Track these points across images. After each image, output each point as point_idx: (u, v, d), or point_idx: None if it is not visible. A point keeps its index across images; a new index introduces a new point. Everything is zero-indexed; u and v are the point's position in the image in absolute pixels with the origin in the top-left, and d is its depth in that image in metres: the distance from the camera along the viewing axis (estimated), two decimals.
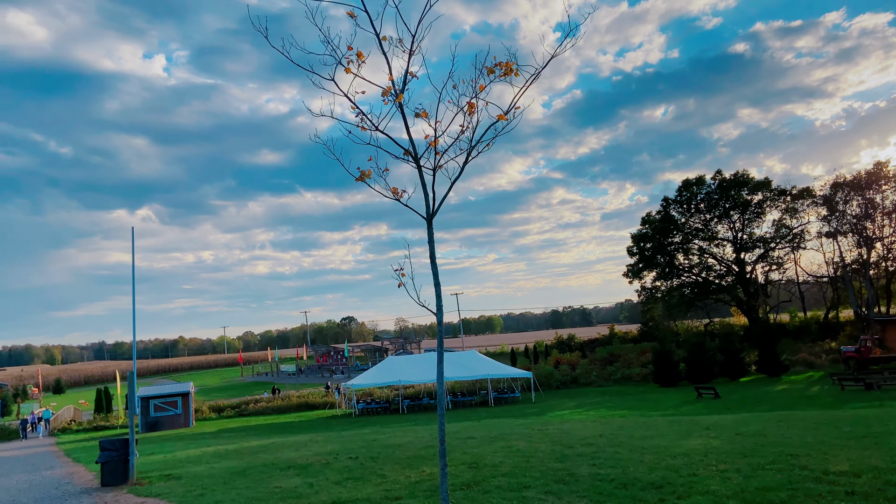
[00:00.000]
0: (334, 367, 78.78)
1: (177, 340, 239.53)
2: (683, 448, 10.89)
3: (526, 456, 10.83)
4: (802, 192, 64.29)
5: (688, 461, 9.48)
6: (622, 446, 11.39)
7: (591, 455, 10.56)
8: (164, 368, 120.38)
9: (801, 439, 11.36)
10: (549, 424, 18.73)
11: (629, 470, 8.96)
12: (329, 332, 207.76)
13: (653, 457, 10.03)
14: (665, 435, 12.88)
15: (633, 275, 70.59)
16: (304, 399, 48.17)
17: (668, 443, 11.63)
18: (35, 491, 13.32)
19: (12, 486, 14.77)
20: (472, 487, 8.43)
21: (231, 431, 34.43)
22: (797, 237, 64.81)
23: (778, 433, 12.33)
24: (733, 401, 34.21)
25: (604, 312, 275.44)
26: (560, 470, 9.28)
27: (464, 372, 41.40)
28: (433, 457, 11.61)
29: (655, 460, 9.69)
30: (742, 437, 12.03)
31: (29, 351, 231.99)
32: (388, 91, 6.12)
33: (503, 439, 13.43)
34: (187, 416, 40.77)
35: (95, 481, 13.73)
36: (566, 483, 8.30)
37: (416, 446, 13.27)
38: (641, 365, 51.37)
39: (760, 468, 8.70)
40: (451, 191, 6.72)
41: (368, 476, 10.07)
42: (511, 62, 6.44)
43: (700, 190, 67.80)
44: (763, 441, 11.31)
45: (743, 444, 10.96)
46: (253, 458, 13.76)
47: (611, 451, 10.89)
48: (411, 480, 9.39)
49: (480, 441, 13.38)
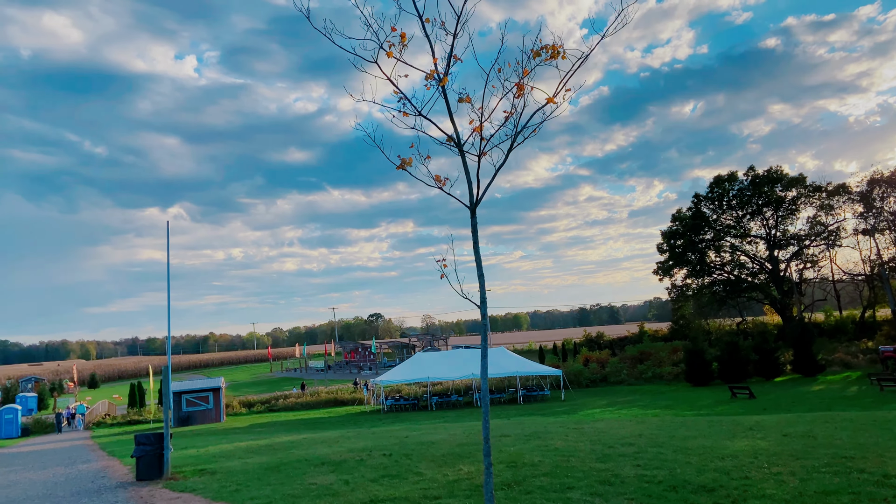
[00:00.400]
0: (362, 364, 79.02)
1: (207, 336, 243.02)
2: (730, 449, 10.49)
3: (565, 455, 10.53)
4: (838, 189, 62.89)
5: (737, 463, 9.11)
6: (665, 446, 11.02)
7: (634, 455, 10.22)
8: (195, 364, 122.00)
9: (853, 441, 10.90)
10: (583, 423, 18.39)
11: (676, 471, 8.62)
12: (356, 329, 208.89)
13: (699, 458, 9.67)
14: (708, 435, 12.47)
15: (664, 272, 69.65)
16: (333, 395, 48.34)
17: (713, 443, 11.23)
18: (71, 484, 13.40)
19: (49, 479, 14.89)
20: (512, 487, 8.18)
21: (261, 427, 34.62)
22: (832, 234, 63.38)
23: (827, 434, 11.86)
24: (769, 401, 33.44)
25: (632, 310, 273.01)
26: (603, 470, 8.97)
27: (493, 369, 41.08)
28: (469, 455, 11.38)
29: (703, 462, 9.33)
30: (790, 438, 11.58)
31: (65, 346, 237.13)
32: (432, 74, 5.89)
33: (539, 438, 13.14)
34: (218, 411, 41.14)
35: (130, 475, 13.77)
36: (611, 484, 8.00)
37: (449, 444, 13.05)
38: (673, 364, 50.59)
39: (816, 471, 8.31)
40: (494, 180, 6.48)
41: (404, 474, 9.87)
42: (557, 45, 6.17)
43: (732, 186, 66.66)
44: (813, 443, 10.87)
45: (792, 446, 10.53)
46: (286, 454, 13.66)
47: (654, 451, 10.54)
48: (449, 479, 9.16)
49: (516, 439, 13.10)
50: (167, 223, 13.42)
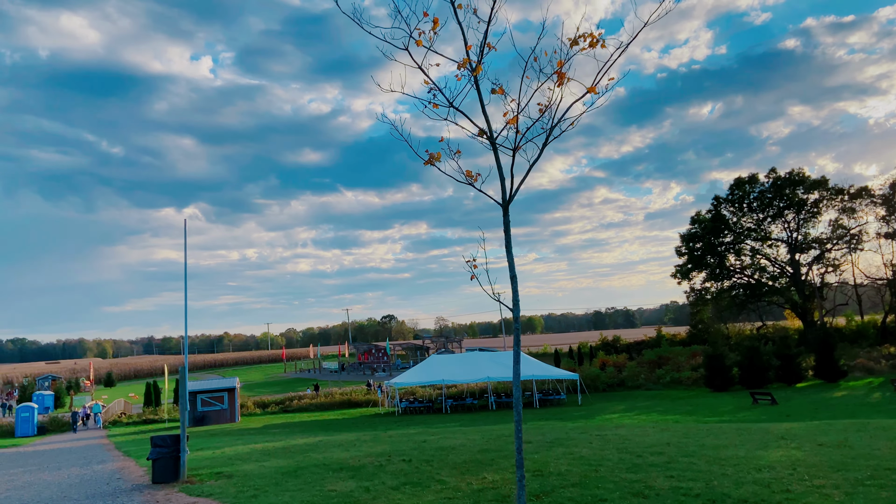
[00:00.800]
0: (376, 366, 78.82)
1: (222, 336, 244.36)
2: (765, 460, 10.06)
3: (593, 464, 10.14)
4: (860, 192, 61.83)
5: (776, 475, 8.68)
6: (696, 456, 10.60)
7: (665, 465, 9.81)
8: (209, 364, 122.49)
9: (894, 452, 10.43)
10: (604, 429, 17.97)
11: (713, 483, 8.22)
12: (369, 330, 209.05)
13: (734, 469, 9.25)
14: (739, 444, 12.02)
15: (682, 275, 68.77)
16: (348, 397, 48.14)
17: (746, 453, 10.79)
18: (86, 486, 13.21)
19: (63, 480, 14.73)
20: (541, 499, 7.82)
21: (276, 427, 34.45)
22: (854, 238, 62.32)
23: (863, 444, 11.38)
24: (791, 407, 32.78)
25: (648, 314, 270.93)
26: (635, 482, 8.59)
27: (508, 372, 40.70)
28: (491, 462, 11.03)
29: (739, 473, 8.91)
30: (825, 448, 11.12)
31: (82, 345, 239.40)
32: (464, 63, 5.57)
33: (562, 444, 12.75)
34: (233, 412, 41.06)
35: (146, 477, 13.56)
36: (646, 497, 7.62)
37: (470, 450, 12.69)
38: (692, 369, 49.87)
39: (860, 484, 7.88)
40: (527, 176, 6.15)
41: (426, 481, 9.53)
42: (595, 32, 5.84)
43: (753, 189, 65.75)
44: (850, 453, 10.41)
45: (830, 457, 10.08)
46: (303, 458, 13.38)
47: (685, 461, 10.13)
48: (473, 488, 8.82)
49: (538, 446, 12.72)
50: (184, 221, 13.22)
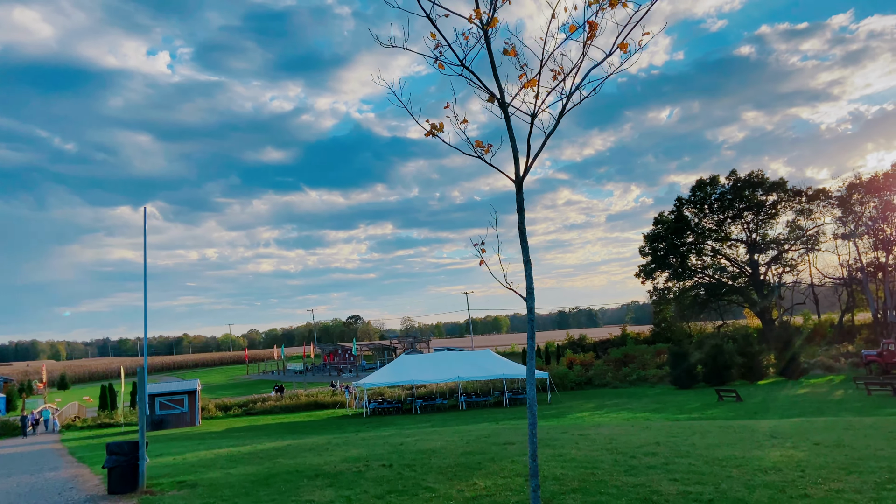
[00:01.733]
0: (342, 366, 77.64)
1: (181, 338, 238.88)
2: (766, 460, 9.66)
3: (588, 467, 9.60)
4: (818, 193, 63.19)
5: (784, 477, 8.27)
6: (691, 456, 10.15)
7: (663, 467, 9.33)
8: (168, 366, 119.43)
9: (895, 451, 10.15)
10: (583, 428, 17.53)
11: (722, 487, 7.75)
12: (335, 331, 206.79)
13: (739, 471, 8.81)
14: (730, 443, 11.63)
15: (646, 275, 69.35)
16: (314, 398, 47.07)
17: (743, 453, 10.38)
18: (36, 496, 12.20)
19: (11, 489, 13.65)
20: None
21: (239, 431, 33.32)
22: (811, 239, 63.67)
23: (862, 444, 11.09)
24: (757, 405, 33.00)
25: (610, 313, 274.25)
26: (639, 486, 8.06)
27: (478, 371, 40.22)
28: (478, 466, 10.42)
29: (745, 475, 8.47)
30: (823, 447, 10.79)
31: (34, 346, 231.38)
32: (477, 15, 4.93)
33: (548, 445, 12.19)
34: (193, 415, 39.69)
35: (101, 487, 12.60)
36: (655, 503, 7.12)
37: (452, 453, 12.05)
38: (657, 367, 50.22)
39: (882, 488, 7.49)
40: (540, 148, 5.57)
41: (413, 489, 8.86)
42: None
43: (714, 190, 66.65)
44: (854, 454, 10.07)
45: (833, 457, 9.74)
46: (273, 464, 12.57)
47: (683, 462, 9.67)
48: (465, 496, 8.18)
49: (523, 447, 12.15)
50: (144, 209, 12.31)
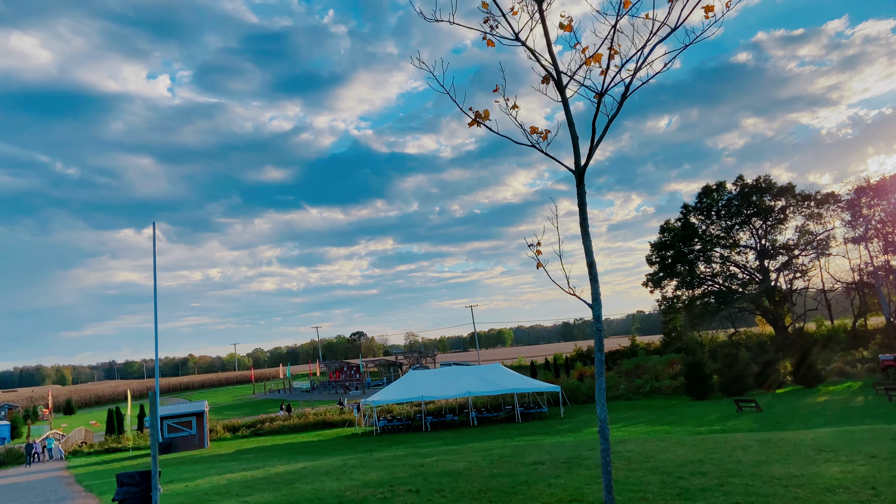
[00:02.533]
0: (348, 384, 77.01)
1: (186, 359, 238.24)
2: (827, 477, 9.08)
3: (636, 491, 9.06)
4: (827, 198, 62.64)
5: (857, 497, 7.70)
6: (743, 475, 9.56)
7: (719, 489, 8.75)
8: (175, 387, 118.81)
9: None
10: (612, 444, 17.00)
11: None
12: (339, 348, 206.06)
13: (803, 491, 8.25)
14: (778, 459, 11.03)
15: (654, 284, 68.68)
16: (322, 417, 46.48)
17: (798, 470, 9.81)
18: None
19: None
20: None
21: (249, 453, 32.78)
22: (822, 243, 63.07)
23: None
24: (778, 414, 32.33)
25: (615, 324, 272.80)
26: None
27: (488, 386, 39.61)
28: (512, 490, 9.89)
29: (813, 496, 7.89)
30: (881, 460, 10.17)
31: (40, 372, 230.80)
32: None
33: (580, 465, 11.66)
34: (202, 437, 39.17)
35: None
36: None
37: (479, 475, 11.53)
38: (670, 377, 49.50)
39: None
40: (602, 132, 5.14)
41: None
42: None
43: (721, 196, 66.20)
44: None
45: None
46: (290, 490, 12.08)
47: (738, 483, 9.10)
48: None
49: (554, 467, 11.63)
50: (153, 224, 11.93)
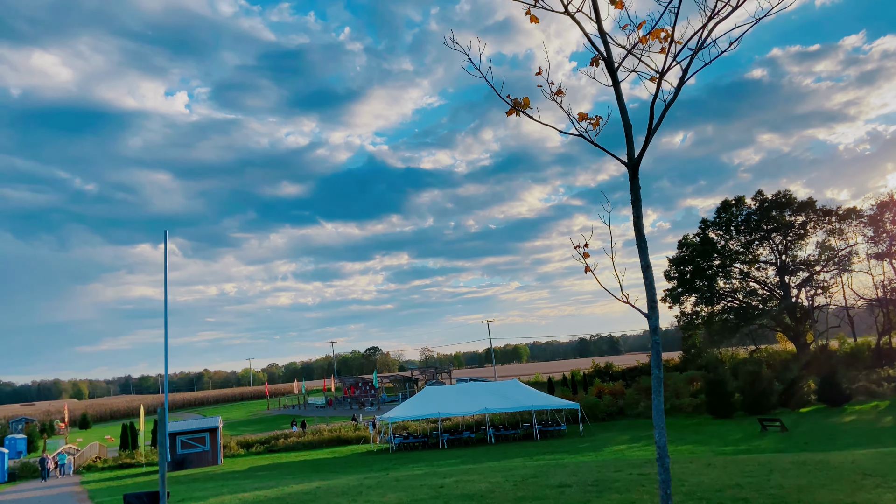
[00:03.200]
0: (363, 399, 76.45)
1: (201, 373, 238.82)
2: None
3: None
4: (849, 213, 61.54)
5: None
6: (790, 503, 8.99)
7: None
8: (189, 402, 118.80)
9: None
10: (637, 466, 16.34)
11: None
12: (354, 363, 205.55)
13: None
14: (822, 485, 10.41)
15: (672, 300, 67.71)
16: (336, 433, 45.95)
17: (848, 497, 9.20)
18: None
19: None
20: None
21: (263, 470, 32.33)
22: (844, 259, 61.86)
23: None
24: (805, 434, 31.44)
25: (632, 340, 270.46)
26: None
27: (506, 403, 38.96)
28: None
29: None
30: None
31: (57, 386, 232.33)
32: None
33: (612, 489, 11.07)
34: (215, 453, 38.78)
35: None
36: None
37: (503, 498, 10.99)
38: (690, 395, 48.49)
39: None
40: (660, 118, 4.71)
41: None
42: None
43: (740, 211, 65.32)
44: None
45: None
46: None
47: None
48: None
49: (583, 490, 11.06)
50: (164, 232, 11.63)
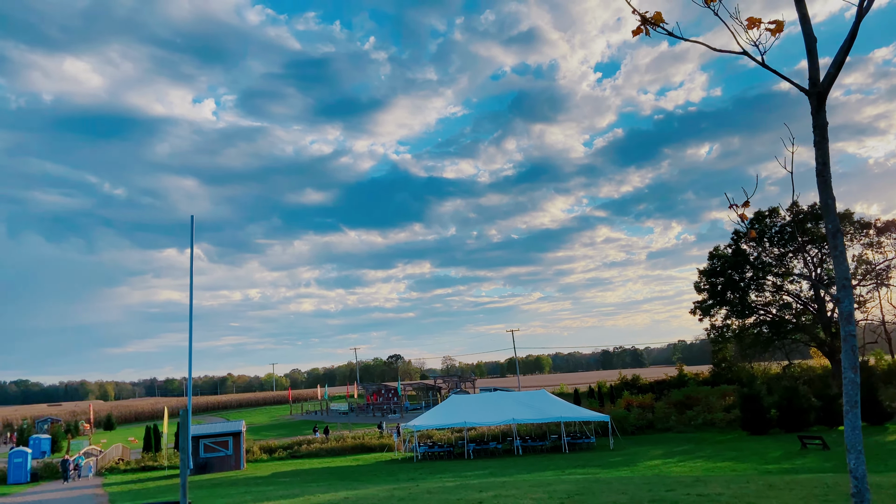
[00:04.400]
0: (386, 406, 75.83)
1: (225, 378, 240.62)
2: None
3: None
4: (888, 225, 59.72)
5: None
6: None
7: None
8: (213, 406, 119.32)
9: None
10: (687, 485, 15.43)
11: None
12: (375, 370, 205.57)
13: None
14: None
15: (703, 312, 66.10)
16: (360, 441, 45.33)
17: None
18: None
19: None
20: None
21: (286, 476, 31.79)
22: (881, 274, 60.00)
23: None
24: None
25: (656, 353, 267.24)
26: None
27: (533, 414, 38.01)
28: None
29: None
30: None
31: (83, 387, 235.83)
32: None
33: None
34: (238, 458, 38.35)
35: None
36: None
37: None
38: (723, 409, 47.05)
39: None
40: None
41: None
42: None
43: (774, 223, 63.70)
44: None
45: None
46: None
47: None
48: None
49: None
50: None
